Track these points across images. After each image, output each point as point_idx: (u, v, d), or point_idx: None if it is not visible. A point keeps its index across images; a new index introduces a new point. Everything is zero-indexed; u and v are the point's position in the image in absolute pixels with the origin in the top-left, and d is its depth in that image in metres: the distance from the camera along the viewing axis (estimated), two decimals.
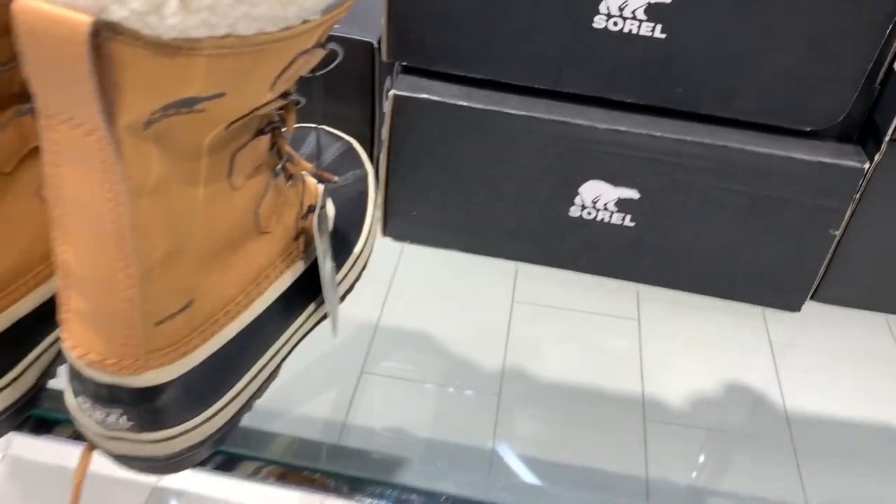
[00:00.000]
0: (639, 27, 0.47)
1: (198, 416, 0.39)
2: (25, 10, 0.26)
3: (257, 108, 0.38)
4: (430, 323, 0.57)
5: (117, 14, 0.26)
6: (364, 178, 0.56)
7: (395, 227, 0.56)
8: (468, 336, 0.58)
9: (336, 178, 0.53)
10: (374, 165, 0.60)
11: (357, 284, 0.52)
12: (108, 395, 0.37)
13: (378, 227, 0.56)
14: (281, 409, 0.51)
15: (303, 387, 0.51)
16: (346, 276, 0.51)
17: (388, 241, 0.58)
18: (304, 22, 0.32)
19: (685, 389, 0.55)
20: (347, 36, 0.55)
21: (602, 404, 0.55)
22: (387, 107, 0.51)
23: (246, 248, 0.41)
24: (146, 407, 0.37)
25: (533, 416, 0.55)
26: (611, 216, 0.53)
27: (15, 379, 0.41)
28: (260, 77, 0.34)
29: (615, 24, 0.47)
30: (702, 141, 0.49)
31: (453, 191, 0.54)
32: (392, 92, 0.50)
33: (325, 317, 0.50)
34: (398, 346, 0.59)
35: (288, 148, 0.45)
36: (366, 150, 0.60)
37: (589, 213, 0.53)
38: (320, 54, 0.38)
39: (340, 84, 0.58)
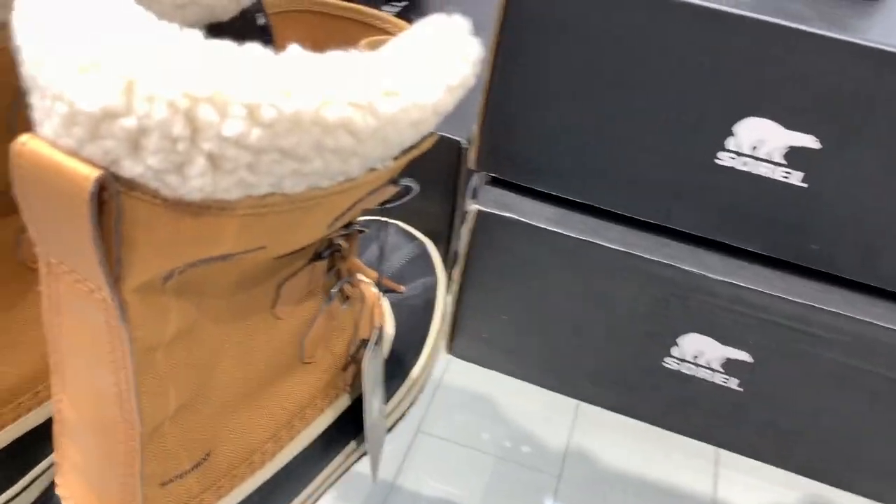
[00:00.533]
0: (773, 171, 0.40)
1: None
2: (25, 153, 0.21)
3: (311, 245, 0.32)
4: (494, 387, 0.51)
5: (131, 171, 0.20)
6: (433, 286, 0.49)
7: (461, 346, 0.50)
8: (534, 410, 0.53)
9: (402, 289, 0.47)
10: (448, 271, 0.54)
11: None
12: None
13: (442, 344, 0.50)
14: None
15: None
16: (398, 405, 0.45)
17: None
18: (371, 170, 0.26)
19: None
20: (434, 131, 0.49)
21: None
22: (467, 221, 0.45)
23: (282, 384, 0.35)
24: None
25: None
26: (713, 375, 0.45)
27: (13, 498, 0.36)
28: (310, 226, 0.28)
29: (744, 164, 0.40)
30: (836, 311, 0.41)
31: (531, 319, 0.47)
32: (475, 207, 0.44)
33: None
34: (459, 407, 0.53)
35: (349, 267, 0.39)
36: (441, 249, 0.54)
37: (688, 369, 0.45)
38: (391, 191, 0.32)
39: (422, 177, 0.52)
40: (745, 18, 0.37)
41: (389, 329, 0.43)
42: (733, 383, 0.45)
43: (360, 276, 0.45)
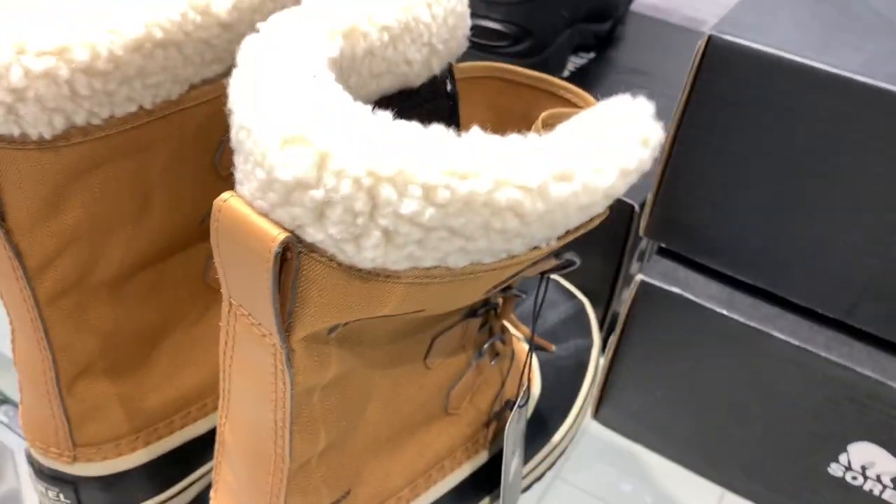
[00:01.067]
0: None
1: None
2: (224, 208, 0.23)
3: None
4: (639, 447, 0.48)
5: (313, 236, 0.22)
6: (588, 348, 0.49)
7: (608, 414, 0.49)
8: (680, 476, 0.49)
9: (553, 349, 0.46)
10: (604, 335, 0.53)
11: None
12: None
13: (590, 408, 0.49)
14: None
15: None
16: (536, 466, 0.44)
17: None
18: (534, 248, 0.27)
19: None
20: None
21: None
22: (631, 289, 0.44)
23: (425, 433, 0.36)
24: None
25: None
26: (883, 491, 0.41)
27: (172, 497, 0.39)
28: (469, 293, 0.29)
29: None
30: None
31: (687, 401, 0.45)
32: (639, 277, 0.43)
33: None
34: (602, 458, 0.51)
35: (502, 325, 0.39)
36: (599, 311, 0.53)
37: (854, 479, 0.42)
38: (552, 264, 0.32)
39: (588, 235, 0.52)
40: None
41: (536, 389, 0.43)
42: None
43: (512, 331, 0.45)
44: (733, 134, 0.39)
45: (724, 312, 0.41)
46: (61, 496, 0.36)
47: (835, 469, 0.42)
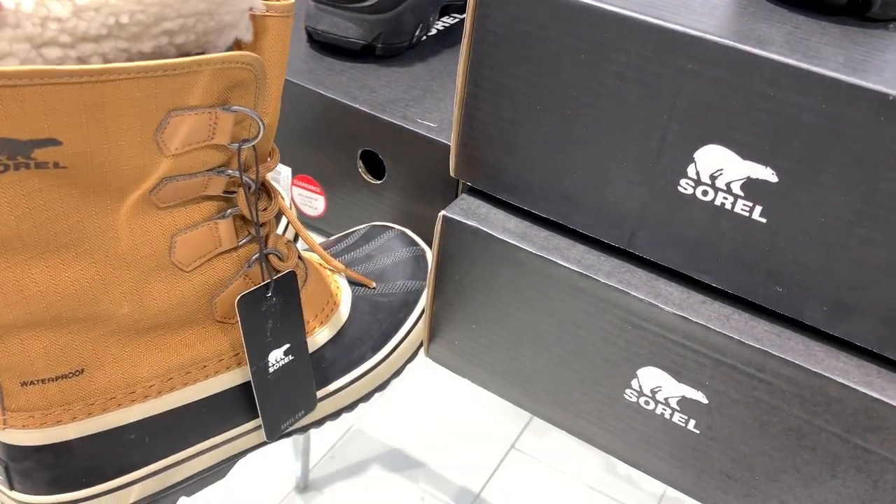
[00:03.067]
0: (734, 203, 0.37)
1: (75, 491, 0.37)
2: None
3: (169, 177, 0.33)
4: None
5: None
6: (419, 290, 0.50)
7: (437, 350, 0.50)
8: None
9: (373, 285, 0.48)
10: None
11: None
12: None
13: (418, 347, 0.51)
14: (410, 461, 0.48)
15: (436, 442, 0.47)
16: (339, 390, 0.46)
17: None
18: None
19: None
20: (435, 138, 0.51)
21: None
22: (437, 226, 0.45)
23: (188, 334, 0.38)
24: (14, 465, 0.35)
25: None
26: (672, 415, 0.43)
27: None
28: (118, 128, 0.30)
29: (704, 192, 0.38)
30: (794, 361, 0.38)
31: (497, 333, 0.47)
32: (442, 214, 0.45)
33: (299, 430, 0.45)
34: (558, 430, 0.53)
35: (284, 242, 0.41)
36: None
37: (647, 403, 0.43)
38: (226, 121, 0.33)
39: (425, 184, 0.53)
40: (702, 40, 0.35)
41: (342, 315, 0.45)
42: (691, 425, 0.42)
43: (316, 260, 0.46)
44: (514, 70, 0.40)
45: (517, 244, 0.43)
46: None
47: (630, 395, 0.44)
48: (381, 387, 0.48)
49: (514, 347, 0.46)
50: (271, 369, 0.40)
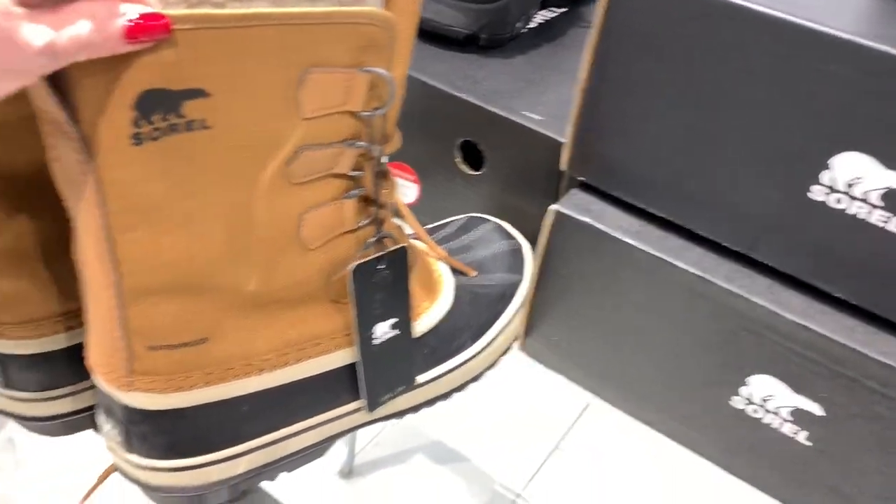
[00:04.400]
0: (869, 213, 0.36)
1: (188, 458, 0.37)
2: None
3: (303, 145, 0.33)
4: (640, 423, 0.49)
5: None
6: (516, 283, 0.50)
7: (533, 346, 0.50)
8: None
9: (473, 273, 0.48)
10: None
11: None
12: (105, 404, 0.36)
13: (515, 343, 0.50)
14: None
15: (483, 433, 0.47)
16: (436, 379, 0.45)
17: None
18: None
19: None
20: (537, 129, 0.50)
21: None
22: (546, 220, 0.45)
23: (305, 311, 0.38)
24: (133, 428, 0.36)
25: None
26: (782, 425, 0.42)
27: (79, 392, 0.42)
28: (263, 81, 0.30)
29: (838, 200, 0.37)
30: None
31: (600, 331, 0.46)
32: (554, 208, 0.44)
33: (397, 415, 0.45)
34: (604, 433, 0.52)
35: (397, 227, 0.41)
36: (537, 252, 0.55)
37: (755, 412, 0.43)
38: (360, 84, 0.33)
39: (526, 177, 0.53)
40: (848, 43, 0.34)
41: (445, 305, 0.44)
42: (802, 436, 0.41)
43: (422, 247, 0.46)
44: (643, 66, 0.40)
45: (632, 243, 0.42)
46: None
47: (736, 402, 0.43)
48: (477, 378, 0.48)
49: (617, 347, 0.46)
50: (376, 341, 0.40)
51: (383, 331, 0.41)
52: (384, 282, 0.40)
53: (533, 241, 0.54)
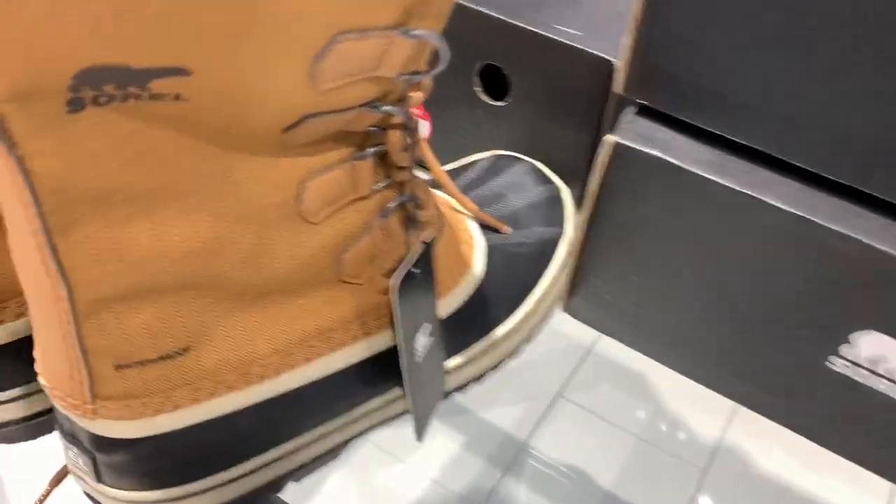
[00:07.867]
0: None
1: (174, 487, 0.30)
2: None
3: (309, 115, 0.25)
4: (646, 365, 0.44)
5: None
6: (556, 238, 0.42)
7: (579, 305, 0.43)
8: (686, 393, 0.47)
9: (508, 230, 0.40)
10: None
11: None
12: (68, 429, 0.29)
13: (556, 304, 0.43)
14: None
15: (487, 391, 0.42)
16: (470, 361, 0.38)
17: None
18: None
19: None
20: (576, 45, 0.42)
21: None
22: (601, 154, 0.37)
23: (309, 298, 0.30)
24: (103, 458, 0.28)
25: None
26: (892, 388, 0.35)
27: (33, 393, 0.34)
28: (270, 56, 0.22)
29: None
30: None
31: (668, 288, 0.39)
32: (612, 139, 0.36)
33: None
34: (607, 380, 0.50)
35: (417, 184, 0.32)
36: (577, 192, 0.47)
37: (861, 376, 0.36)
38: (403, 48, 0.25)
39: (561, 106, 0.45)
40: None
41: (477, 272, 0.37)
42: None
43: (446, 200, 0.38)
44: None
45: (713, 178, 0.35)
46: None
47: (835, 362, 0.36)
48: (514, 354, 0.40)
49: (686, 304, 0.39)
50: (419, 358, 0.33)
51: (423, 343, 0.33)
52: (418, 286, 0.32)
53: (570, 184, 0.46)
